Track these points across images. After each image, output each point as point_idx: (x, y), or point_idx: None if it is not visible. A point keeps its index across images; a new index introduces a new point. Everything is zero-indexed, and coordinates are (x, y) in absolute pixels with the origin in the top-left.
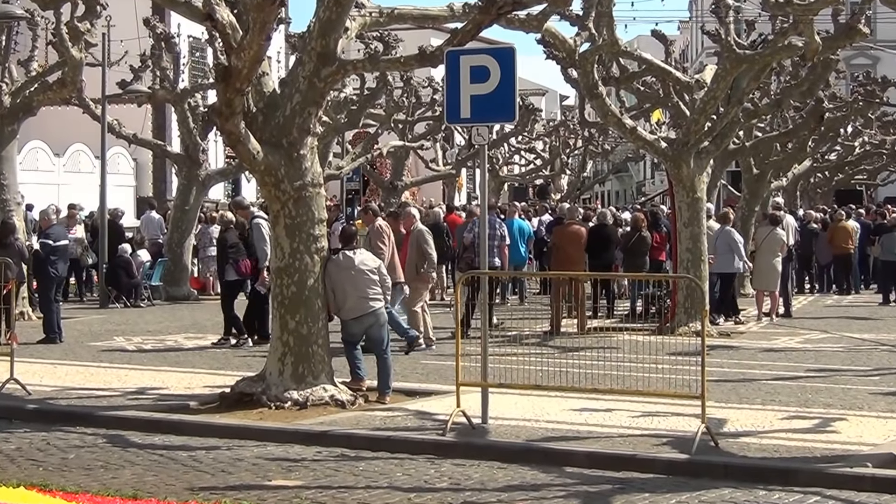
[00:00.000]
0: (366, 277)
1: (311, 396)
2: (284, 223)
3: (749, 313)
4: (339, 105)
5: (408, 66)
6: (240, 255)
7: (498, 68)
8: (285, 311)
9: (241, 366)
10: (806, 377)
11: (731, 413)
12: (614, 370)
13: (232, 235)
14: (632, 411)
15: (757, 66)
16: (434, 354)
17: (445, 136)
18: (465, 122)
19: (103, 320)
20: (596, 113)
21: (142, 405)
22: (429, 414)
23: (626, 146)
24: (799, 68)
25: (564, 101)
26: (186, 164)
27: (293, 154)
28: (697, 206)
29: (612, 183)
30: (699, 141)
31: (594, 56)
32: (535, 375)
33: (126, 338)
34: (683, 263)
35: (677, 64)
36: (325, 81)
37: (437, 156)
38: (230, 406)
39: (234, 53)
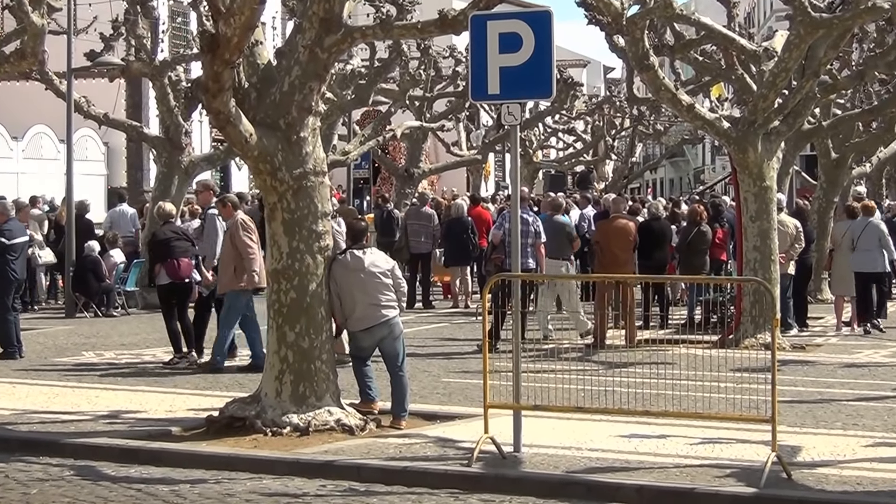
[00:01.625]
0: (377, 281)
1: (313, 421)
2: (282, 218)
3: (827, 322)
4: (346, 79)
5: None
6: (173, 253)
7: (532, 35)
8: (283, 321)
9: (232, 385)
10: (894, 397)
11: (807, 439)
12: (669, 389)
13: (166, 230)
14: (690, 438)
15: (836, 31)
16: (458, 372)
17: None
18: (493, 98)
19: (70, 332)
20: (646, 87)
21: (116, 431)
22: (452, 441)
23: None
24: (885, 34)
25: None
26: (167, 148)
27: (292, 137)
28: (766, 197)
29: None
30: (768, 120)
31: (644, 21)
32: (576, 396)
33: (97, 352)
34: (750, 264)
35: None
36: (328, 51)
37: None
38: (219, 432)
39: (222, 19)
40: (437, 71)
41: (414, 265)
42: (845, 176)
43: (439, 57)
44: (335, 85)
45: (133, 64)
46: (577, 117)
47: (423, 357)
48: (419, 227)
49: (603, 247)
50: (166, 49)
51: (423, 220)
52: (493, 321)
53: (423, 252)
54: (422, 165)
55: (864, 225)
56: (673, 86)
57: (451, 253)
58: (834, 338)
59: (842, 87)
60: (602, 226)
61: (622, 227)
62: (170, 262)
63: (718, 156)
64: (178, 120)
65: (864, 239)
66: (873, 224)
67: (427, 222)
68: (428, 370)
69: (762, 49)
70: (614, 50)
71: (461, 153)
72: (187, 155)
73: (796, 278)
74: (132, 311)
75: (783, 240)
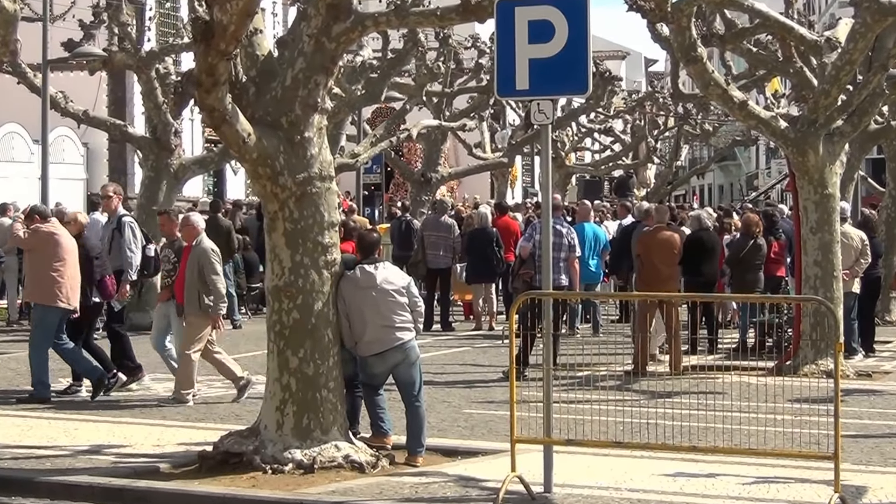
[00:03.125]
0: (391, 300)
1: (319, 457)
2: (284, 228)
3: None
4: (356, 72)
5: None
6: (106, 270)
7: (565, 23)
8: (285, 345)
9: (227, 416)
10: None
11: (874, 479)
12: (719, 422)
13: (96, 244)
14: (742, 476)
15: None
16: (482, 402)
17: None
18: (521, 94)
19: None
20: (694, 82)
21: (97, 468)
22: (474, 480)
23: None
24: None
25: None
26: (154, 150)
27: (295, 137)
28: (829, 206)
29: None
30: (830, 119)
31: (692, 7)
32: (613, 429)
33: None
34: (810, 281)
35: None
36: (337, 41)
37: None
38: (213, 469)
39: (217, 4)
40: (458, 63)
41: (432, 282)
42: None
43: (460, 47)
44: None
45: (116, 55)
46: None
47: (441, 385)
48: (437, 238)
49: (644, 261)
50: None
51: (443, 231)
52: (521, 345)
53: (441, 267)
54: (440, 169)
55: None
56: (723, 80)
57: (473, 268)
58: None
59: None
60: (644, 238)
61: (666, 238)
62: (107, 279)
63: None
64: (166, 118)
65: None
66: None
67: (447, 234)
68: (447, 400)
69: (824, 39)
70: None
71: (484, 156)
72: (177, 157)
73: (862, 297)
74: None
75: (847, 254)
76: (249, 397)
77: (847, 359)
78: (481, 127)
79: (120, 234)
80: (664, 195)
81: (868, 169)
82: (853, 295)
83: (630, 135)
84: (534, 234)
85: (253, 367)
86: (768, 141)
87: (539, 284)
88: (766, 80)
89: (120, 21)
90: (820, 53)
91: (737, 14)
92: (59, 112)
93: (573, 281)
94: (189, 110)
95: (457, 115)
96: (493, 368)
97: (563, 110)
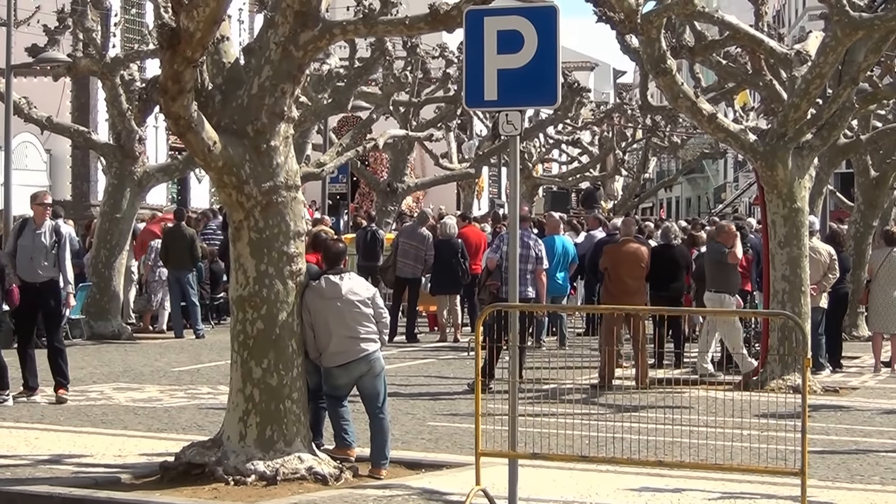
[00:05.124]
0: (356, 311)
1: (282, 468)
2: (249, 238)
3: (864, 362)
4: (322, 81)
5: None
6: (11, 280)
7: (535, 34)
8: (249, 355)
9: (190, 427)
10: None
11: (840, 495)
12: (685, 437)
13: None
14: (709, 492)
15: (877, 33)
16: (446, 414)
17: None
18: (489, 105)
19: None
20: (663, 94)
21: (58, 478)
22: (438, 493)
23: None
24: None
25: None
26: (118, 157)
27: (261, 146)
28: (797, 220)
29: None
30: (800, 133)
31: (662, 19)
32: (579, 443)
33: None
34: (778, 296)
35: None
36: (304, 49)
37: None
38: (175, 480)
39: (183, 11)
40: (426, 73)
41: (399, 291)
42: (886, 197)
43: (428, 57)
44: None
45: (81, 61)
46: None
47: (406, 397)
48: (411, 248)
49: (611, 274)
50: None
51: (417, 240)
52: (487, 357)
53: (409, 277)
54: (406, 180)
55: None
56: (692, 93)
57: (438, 279)
58: (871, 380)
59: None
60: (610, 250)
61: (633, 251)
62: (9, 291)
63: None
64: (130, 125)
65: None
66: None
67: (420, 244)
68: (412, 412)
69: (794, 52)
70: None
71: (451, 166)
72: (141, 165)
73: (830, 312)
74: (76, 341)
75: (815, 269)
76: (212, 407)
77: (814, 374)
78: (448, 137)
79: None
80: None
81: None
82: (821, 310)
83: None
84: (501, 245)
85: (216, 378)
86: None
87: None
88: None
89: (85, 27)
90: (790, 66)
91: (706, 26)
92: (23, 118)
93: (539, 293)
94: (154, 117)
95: (424, 125)
96: (458, 380)
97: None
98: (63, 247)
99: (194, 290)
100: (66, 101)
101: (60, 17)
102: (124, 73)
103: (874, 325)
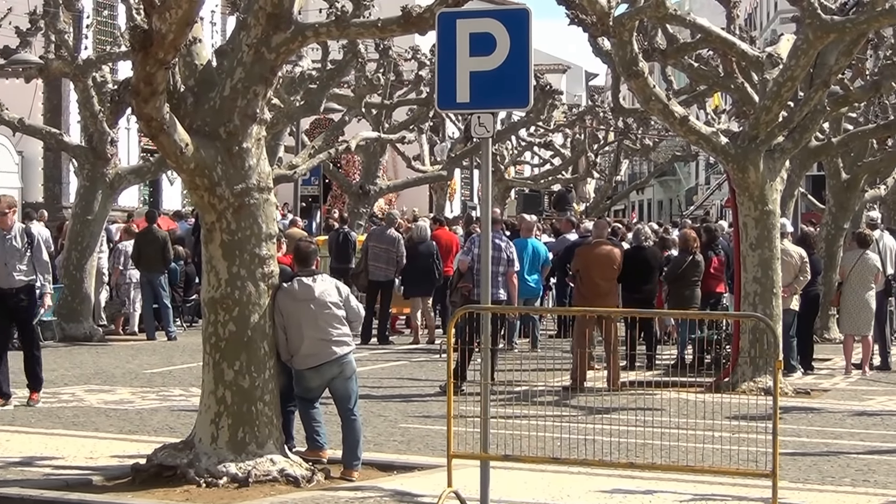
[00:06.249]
0: (328, 313)
1: (253, 470)
2: (221, 240)
3: (835, 364)
4: (294, 83)
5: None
6: None
7: (507, 36)
8: (221, 357)
9: (161, 429)
10: None
11: (811, 497)
12: (657, 439)
13: None
14: (680, 494)
15: (849, 36)
16: (418, 416)
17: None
18: (461, 107)
19: None
20: (635, 97)
21: (29, 480)
22: (410, 495)
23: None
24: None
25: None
26: (90, 159)
27: (233, 148)
28: (768, 222)
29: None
30: (771, 136)
31: (634, 21)
32: (551, 445)
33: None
34: (749, 298)
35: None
36: (276, 51)
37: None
38: (146, 482)
39: (156, 13)
40: (398, 75)
41: (373, 294)
42: (857, 199)
43: (400, 59)
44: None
45: (53, 62)
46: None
47: (378, 399)
48: (381, 251)
49: (583, 276)
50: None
51: (386, 243)
52: (459, 359)
53: (382, 280)
54: (379, 182)
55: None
56: (664, 95)
57: (412, 282)
58: (843, 382)
59: (854, 99)
60: (583, 252)
61: (605, 253)
62: None
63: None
64: (103, 127)
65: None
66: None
67: (390, 246)
68: (384, 414)
69: (765, 55)
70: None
71: (424, 168)
72: (113, 167)
73: (801, 314)
74: (48, 343)
75: (787, 271)
76: (184, 409)
77: (786, 376)
78: (420, 139)
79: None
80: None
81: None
82: (792, 312)
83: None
84: (472, 247)
85: (188, 380)
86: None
87: (477, 298)
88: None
89: (57, 28)
90: (761, 69)
91: (678, 29)
92: None
93: (511, 295)
94: (126, 119)
95: (396, 128)
96: (431, 383)
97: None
98: (37, 248)
99: (166, 292)
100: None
101: (32, 18)
102: (96, 75)
103: (845, 328)
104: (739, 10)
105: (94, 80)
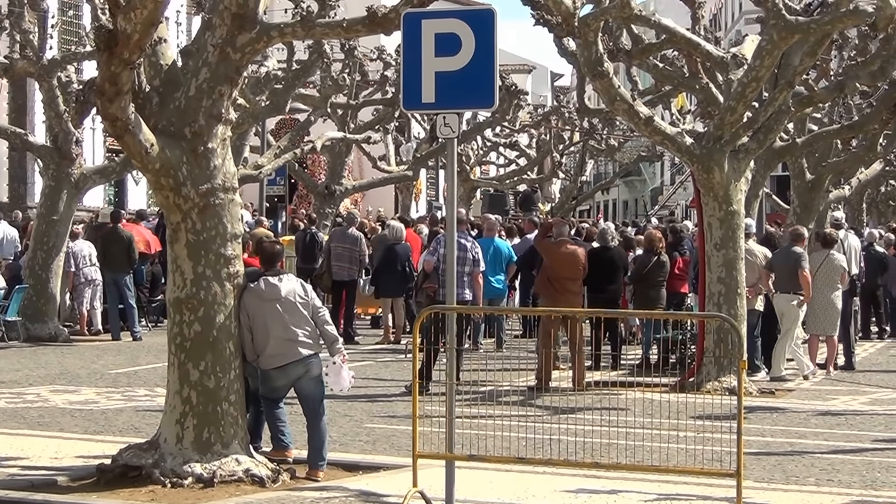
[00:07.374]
0: (295, 313)
1: (219, 470)
2: (186, 240)
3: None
4: (260, 83)
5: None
6: None
7: (472, 37)
8: (186, 358)
9: (127, 429)
10: (873, 450)
11: (776, 496)
12: (622, 439)
13: None
14: (644, 493)
15: (813, 37)
16: (384, 416)
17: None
18: (427, 107)
19: None
20: (600, 97)
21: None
22: (376, 495)
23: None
24: (868, 41)
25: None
26: (55, 159)
27: (199, 148)
28: (733, 223)
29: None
30: (736, 136)
31: (599, 22)
32: (516, 445)
33: None
34: (714, 298)
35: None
36: (242, 52)
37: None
38: (112, 482)
39: (121, 13)
40: (364, 75)
41: (337, 294)
42: (821, 199)
43: (366, 59)
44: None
45: (17, 62)
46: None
47: (343, 399)
48: (343, 250)
49: (549, 272)
50: (55, 46)
51: (349, 242)
52: (424, 359)
53: (346, 279)
54: (344, 182)
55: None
56: (629, 95)
57: (384, 282)
58: (807, 382)
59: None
60: (547, 248)
61: (570, 253)
62: None
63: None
64: (67, 127)
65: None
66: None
67: (352, 245)
68: (349, 414)
69: (730, 56)
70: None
71: (389, 169)
72: (78, 167)
73: (766, 315)
74: (13, 343)
75: (751, 271)
76: (149, 410)
77: (750, 376)
78: (386, 140)
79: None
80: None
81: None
82: (757, 312)
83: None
84: (438, 248)
85: (153, 380)
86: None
87: (443, 299)
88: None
89: (22, 28)
90: (726, 70)
91: (643, 29)
92: None
93: (476, 296)
94: (91, 119)
95: (362, 128)
96: (396, 383)
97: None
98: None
99: (131, 291)
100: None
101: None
102: (61, 75)
103: (811, 328)
104: (704, 10)
105: (59, 79)
